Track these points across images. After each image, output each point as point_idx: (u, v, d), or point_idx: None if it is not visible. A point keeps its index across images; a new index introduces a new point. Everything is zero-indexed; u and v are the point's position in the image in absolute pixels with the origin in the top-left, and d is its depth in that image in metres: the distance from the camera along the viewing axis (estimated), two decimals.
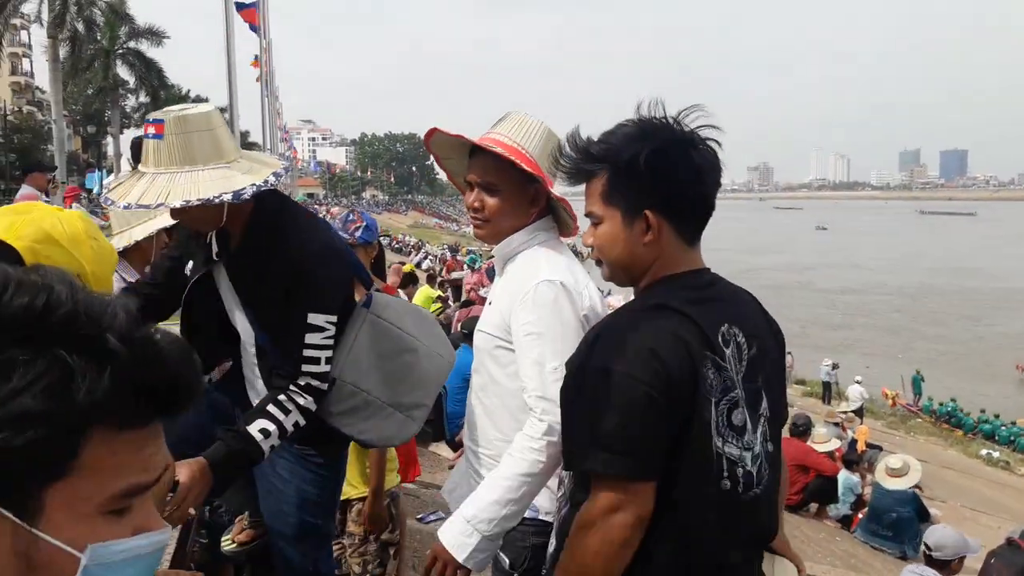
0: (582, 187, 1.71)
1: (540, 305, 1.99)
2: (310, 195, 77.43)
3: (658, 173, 1.57)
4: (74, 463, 0.74)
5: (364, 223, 3.57)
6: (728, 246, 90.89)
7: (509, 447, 1.96)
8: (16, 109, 55.31)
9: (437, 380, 2.38)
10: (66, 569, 0.76)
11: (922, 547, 5.06)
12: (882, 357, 32.57)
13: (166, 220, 3.60)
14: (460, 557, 1.89)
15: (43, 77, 45.24)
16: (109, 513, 0.78)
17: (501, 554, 2.08)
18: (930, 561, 4.86)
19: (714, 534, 1.56)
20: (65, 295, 0.74)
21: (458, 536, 1.90)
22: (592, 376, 1.51)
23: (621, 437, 1.46)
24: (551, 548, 1.77)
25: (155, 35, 40.63)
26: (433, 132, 2.28)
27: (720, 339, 1.55)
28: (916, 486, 8.54)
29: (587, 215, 1.70)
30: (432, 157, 2.38)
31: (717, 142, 1.62)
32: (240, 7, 15.21)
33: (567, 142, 1.69)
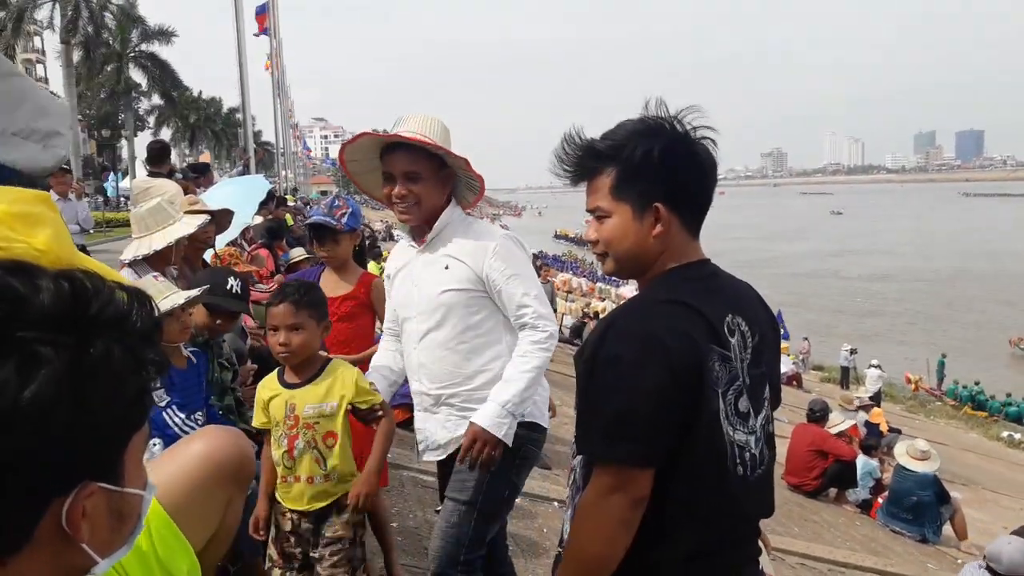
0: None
1: (511, 253, 2.62)
2: (323, 192, 77.51)
3: (669, 168, 1.63)
4: (145, 416, 0.92)
5: (349, 209, 3.55)
6: (747, 234, 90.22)
7: (518, 351, 2.56)
8: None
9: (62, 111, 2.56)
10: (137, 507, 0.94)
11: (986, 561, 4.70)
12: (916, 346, 31.96)
13: (186, 228, 3.67)
14: (499, 434, 2.47)
15: (57, 82, 45.57)
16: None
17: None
18: (994, 573, 4.56)
19: (729, 515, 1.65)
20: (88, 287, 0.89)
21: (495, 419, 2.47)
22: (602, 364, 1.56)
23: (623, 424, 1.52)
24: (565, 535, 1.83)
25: (165, 34, 40.80)
26: (361, 136, 2.72)
27: (726, 330, 1.61)
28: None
29: (591, 211, 1.73)
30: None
31: (713, 140, 1.69)
32: (259, 12, 15.35)
33: (567, 141, 1.72)
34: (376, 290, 3.53)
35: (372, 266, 15.71)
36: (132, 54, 41.66)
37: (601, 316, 18.84)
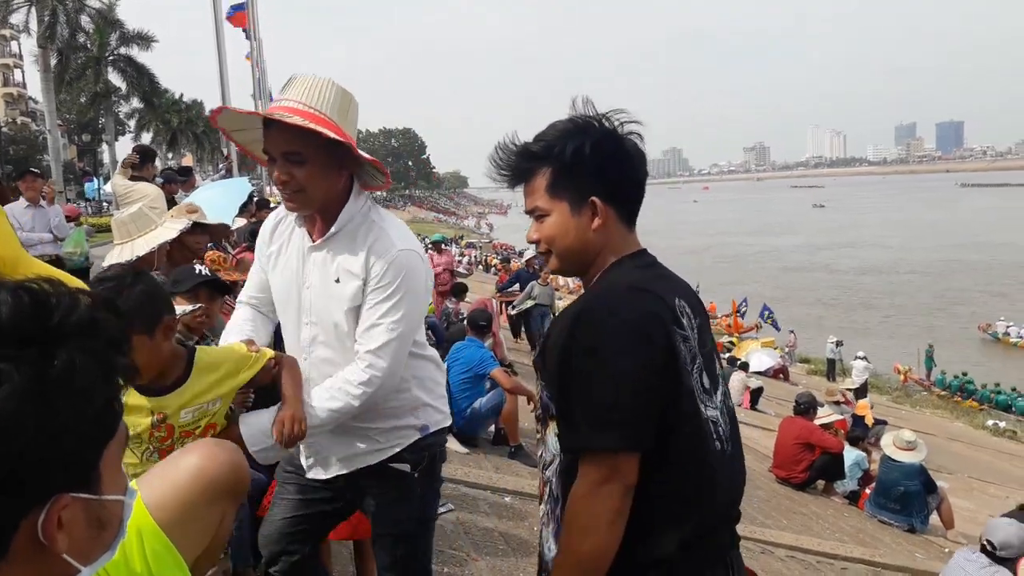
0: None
1: (400, 272, 2.14)
2: None
3: (601, 162, 1.69)
4: (117, 423, 0.91)
5: None
6: (732, 228, 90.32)
7: (337, 379, 2.18)
8: (10, 120, 55.27)
9: None
10: (117, 514, 0.94)
11: (982, 541, 4.80)
12: (908, 339, 31.55)
13: (168, 233, 3.65)
14: (252, 448, 2.17)
15: (36, 87, 45.17)
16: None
17: (397, 465, 2.31)
18: (992, 556, 4.63)
19: (716, 491, 1.67)
20: (45, 294, 0.87)
21: (259, 437, 2.18)
22: (580, 356, 1.57)
23: (610, 411, 1.53)
24: (548, 554, 1.77)
25: (144, 39, 40.50)
26: (221, 110, 2.25)
27: (679, 312, 1.66)
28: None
29: (530, 212, 1.78)
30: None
31: (640, 135, 1.74)
32: (230, 13, 15.26)
33: (502, 147, 1.77)
34: None
35: None
36: (111, 57, 41.35)
37: None
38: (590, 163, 1.68)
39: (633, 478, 1.55)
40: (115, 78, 42.65)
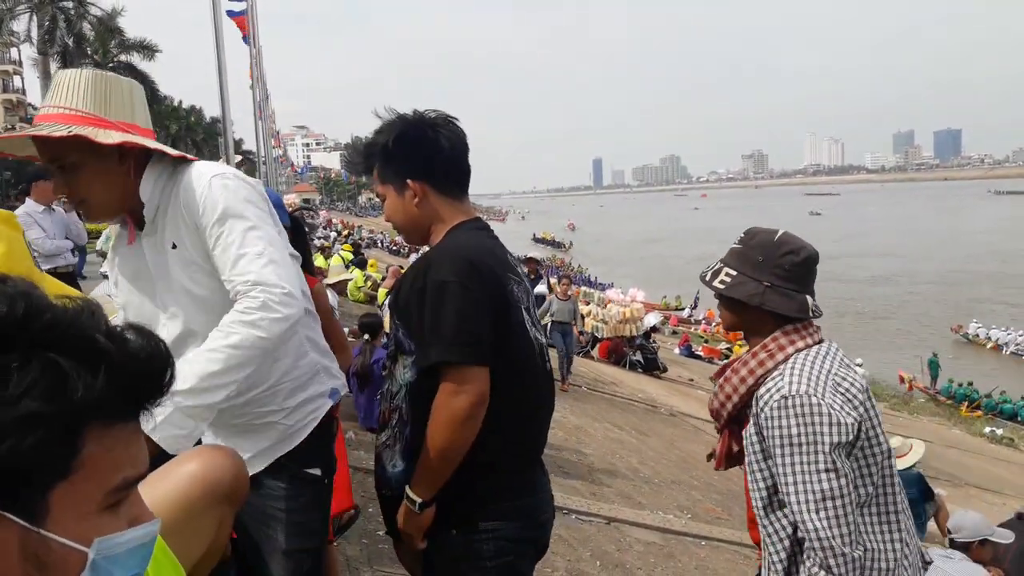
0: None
1: (218, 198, 1.86)
2: (306, 200, 77.07)
3: (406, 150, 2.04)
4: (75, 462, 0.80)
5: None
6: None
7: (218, 326, 1.80)
8: (9, 127, 55.26)
9: None
10: (74, 564, 0.82)
11: (948, 536, 5.21)
12: (926, 350, 30.10)
13: None
14: (173, 449, 1.71)
15: (35, 94, 45.24)
16: (107, 508, 0.85)
17: (309, 471, 2.07)
18: (953, 543, 4.99)
19: (540, 389, 2.10)
20: (44, 301, 0.81)
21: (169, 429, 1.69)
22: (431, 289, 1.90)
23: (457, 331, 1.86)
24: (392, 470, 2.03)
25: (147, 49, 40.59)
26: None
27: (512, 263, 2.10)
28: (918, 464, 8.55)
29: (377, 195, 2.17)
30: None
31: (454, 121, 2.09)
32: (231, 14, 15.29)
33: (352, 147, 2.16)
34: (318, 296, 2.89)
35: (357, 274, 15.65)
36: (111, 65, 41.44)
37: (586, 319, 18.82)
38: (398, 152, 2.04)
39: (484, 387, 1.88)
40: None
